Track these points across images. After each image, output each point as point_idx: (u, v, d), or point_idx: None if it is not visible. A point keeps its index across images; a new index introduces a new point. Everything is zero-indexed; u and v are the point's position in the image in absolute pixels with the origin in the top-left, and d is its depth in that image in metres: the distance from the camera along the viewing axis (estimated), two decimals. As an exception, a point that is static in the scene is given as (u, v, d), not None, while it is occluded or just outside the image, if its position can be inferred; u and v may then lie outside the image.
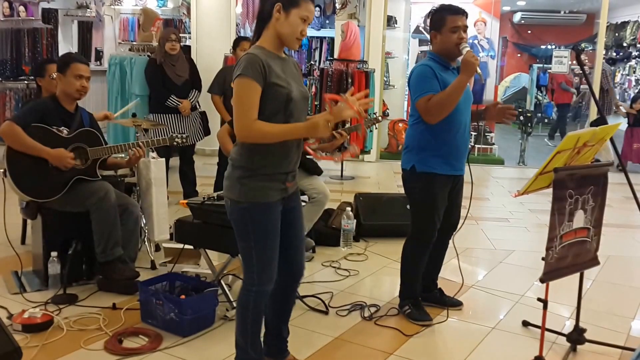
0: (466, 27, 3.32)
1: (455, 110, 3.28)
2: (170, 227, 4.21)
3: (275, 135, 2.46)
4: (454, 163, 3.39)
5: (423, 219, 3.46)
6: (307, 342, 3.23)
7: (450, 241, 3.68)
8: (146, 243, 4.40)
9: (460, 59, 3.25)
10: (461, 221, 3.66)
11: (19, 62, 8.37)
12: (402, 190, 3.65)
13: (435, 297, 3.72)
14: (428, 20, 3.55)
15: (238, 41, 5.91)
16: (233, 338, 2.70)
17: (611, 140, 3.25)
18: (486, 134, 9.90)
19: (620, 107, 9.50)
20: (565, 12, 14.93)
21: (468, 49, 3.23)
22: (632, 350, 3.13)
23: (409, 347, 3.24)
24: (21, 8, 8.44)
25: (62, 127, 3.81)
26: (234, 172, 2.54)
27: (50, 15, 9.33)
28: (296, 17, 2.47)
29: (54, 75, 4.07)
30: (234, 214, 2.56)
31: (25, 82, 8.25)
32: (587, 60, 9.75)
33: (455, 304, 3.74)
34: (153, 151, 4.27)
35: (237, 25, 9.35)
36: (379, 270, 4.44)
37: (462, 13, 3.31)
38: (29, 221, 4.30)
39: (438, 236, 3.54)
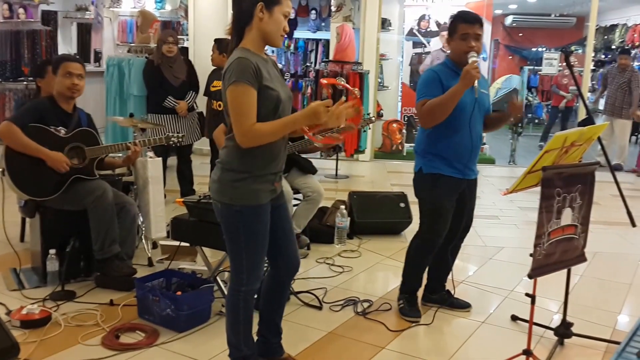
0: (478, 35, 3.29)
1: (459, 114, 3.29)
2: (167, 225, 4.25)
3: (277, 131, 2.45)
4: (459, 167, 3.40)
5: (430, 220, 3.49)
6: (302, 337, 3.28)
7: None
8: (143, 240, 4.44)
9: None
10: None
11: (18, 64, 8.36)
12: (395, 189, 3.71)
13: (442, 299, 3.74)
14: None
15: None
16: None
17: (599, 139, 3.31)
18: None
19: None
20: (555, 16, 14.99)
21: (474, 59, 3.20)
22: (618, 343, 3.16)
23: (401, 342, 3.30)
24: (21, 10, 8.44)
25: (60, 127, 3.84)
26: (224, 174, 2.53)
27: (49, 17, 9.34)
28: (279, 14, 2.46)
29: None
30: (225, 217, 2.56)
31: (25, 83, 8.26)
32: (576, 62, 9.79)
33: (463, 305, 3.74)
34: (150, 150, 4.32)
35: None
36: (372, 267, 4.50)
37: (475, 22, 3.30)
38: (27, 219, 4.33)
39: (450, 239, 3.60)
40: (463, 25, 3.30)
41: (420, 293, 3.75)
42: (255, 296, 3.38)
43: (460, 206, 3.53)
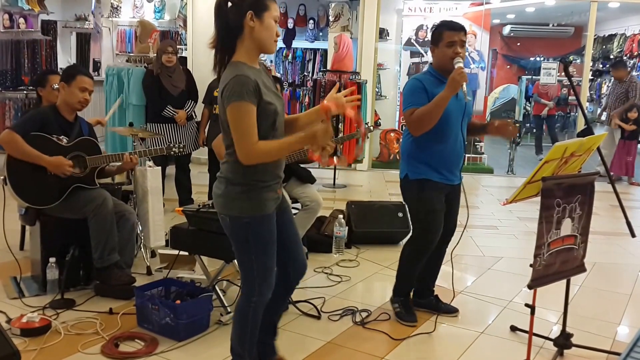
0: (464, 42, 3.36)
1: (446, 122, 3.34)
2: (166, 234, 4.26)
3: (280, 151, 2.49)
4: (444, 173, 3.45)
5: (422, 225, 3.53)
6: (300, 346, 3.28)
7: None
8: (142, 249, 4.44)
9: None
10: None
11: (18, 73, 8.41)
12: (393, 198, 3.72)
13: (431, 304, 3.77)
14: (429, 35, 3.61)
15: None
16: (227, 342, 2.72)
17: (598, 150, 3.33)
18: (476, 143, 10.02)
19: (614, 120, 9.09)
20: (553, 25, 15.04)
21: (460, 65, 3.25)
22: (618, 354, 3.18)
23: (399, 352, 3.30)
24: (21, 20, 8.50)
25: (62, 136, 3.86)
26: (229, 189, 2.53)
27: (49, 27, 9.39)
28: (269, 20, 2.46)
29: (56, 86, 4.14)
30: (234, 229, 2.56)
31: (25, 92, 8.30)
32: (575, 72, 9.83)
33: (450, 310, 3.78)
34: (150, 160, 4.33)
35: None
36: (370, 277, 4.51)
37: (460, 29, 3.36)
38: (27, 227, 4.33)
39: (444, 241, 3.64)
40: (449, 33, 3.35)
41: None
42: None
43: (448, 208, 3.57)
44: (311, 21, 12.12)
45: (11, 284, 3.96)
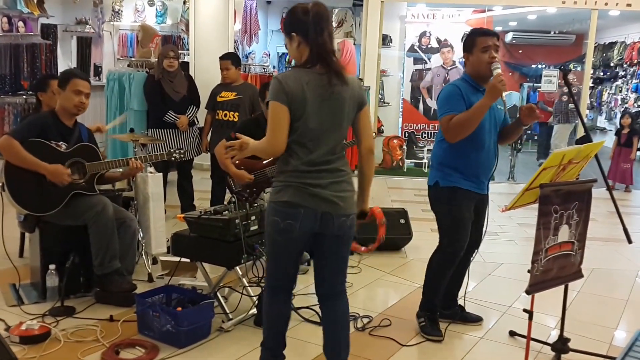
0: (497, 47, 3.35)
1: (481, 129, 3.31)
2: (168, 241, 4.27)
3: None
4: (476, 181, 3.43)
5: (451, 233, 3.48)
6: (302, 352, 3.30)
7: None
8: (143, 256, 4.44)
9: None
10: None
11: (17, 77, 8.36)
12: (395, 205, 3.71)
13: (456, 314, 3.76)
14: (462, 45, 3.60)
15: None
16: (229, 349, 2.72)
17: (596, 157, 3.34)
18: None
19: None
20: (555, 33, 15.08)
21: (499, 71, 3.23)
22: (614, 359, 3.20)
23: (400, 357, 3.31)
24: (20, 23, 8.42)
25: (61, 142, 3.84)
26: None
27: (49, 31, 9.33)
28: None
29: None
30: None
31: (24, 97, 8.25)
32: (575, 80, 9.84)
33: (475, 319, 3.78)
34: (151, 166, 4.33)
35: (235, 42, 9.46)
36: (372, 283, 4.51)
37: (493, 35, 3.36)
38: (27, 234, 4.33)
39: (471, 251, 3.62)
40: (482, 38, 3.33)
41: None
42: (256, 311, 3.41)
43: (476, 218, 3.53)
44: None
45: (10, 292, 3.96)
